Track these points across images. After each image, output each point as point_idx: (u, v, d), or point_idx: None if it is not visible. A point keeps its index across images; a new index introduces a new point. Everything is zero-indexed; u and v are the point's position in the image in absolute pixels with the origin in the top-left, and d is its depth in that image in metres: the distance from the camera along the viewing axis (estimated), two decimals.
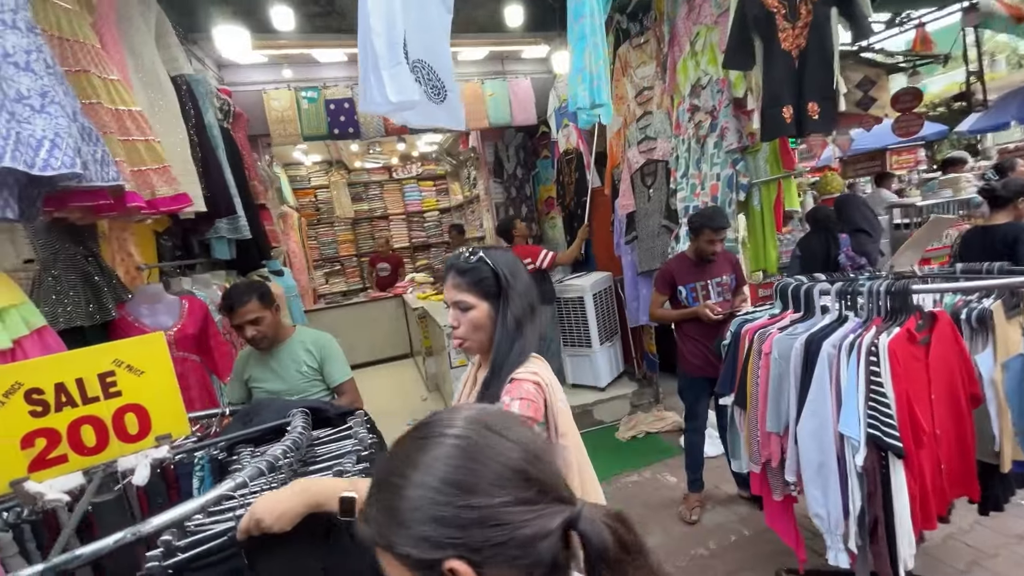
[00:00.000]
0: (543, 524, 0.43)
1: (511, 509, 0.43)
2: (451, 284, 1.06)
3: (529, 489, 0.44)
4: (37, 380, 0.92)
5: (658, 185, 3.41)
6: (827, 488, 1.48)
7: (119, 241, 2.33)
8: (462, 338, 1.07)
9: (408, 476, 0.45)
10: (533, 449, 0.47)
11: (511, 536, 0.43)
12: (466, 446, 0.45)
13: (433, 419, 0.50)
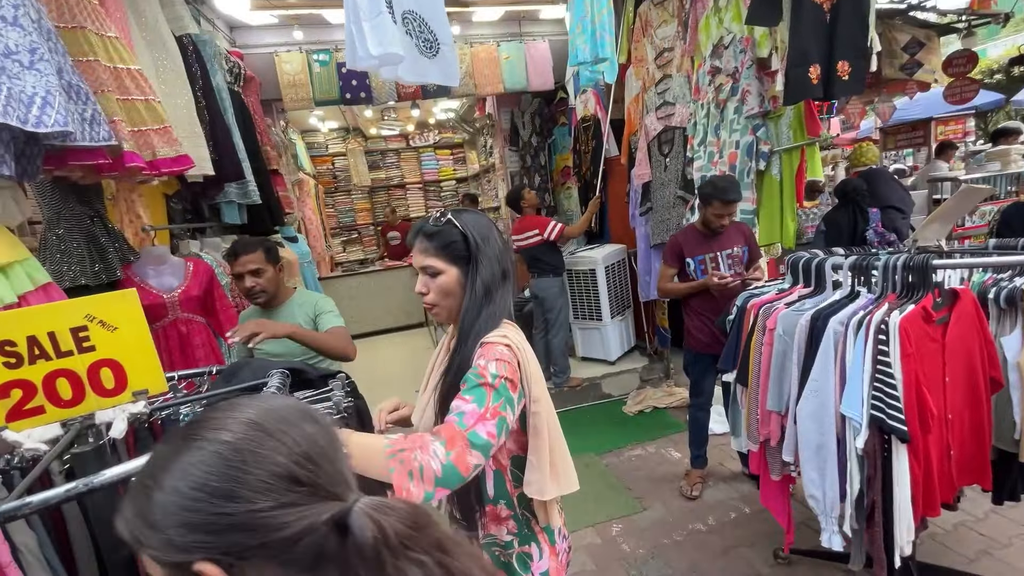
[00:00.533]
0: (307, 524, 0.44)
1: (272, 514, 0.43)
2: (419, 248, 1.01)
3: (296, 492, 0.44)
4: (8, 332, 0.92)
5: (675, 154, 3.26)
6: (824, 470, 1.42)
7: (127, 203, 2.35)
8: (432, 304, 1.02)
9: (159, 480, 0.44)
10: (308, 451, 0.46)
11: (269, 538, 0.43)
12: (228, 453, 0.44)
13: (203, 418, 0.48)
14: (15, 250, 1.60)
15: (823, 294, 1.59)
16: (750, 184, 2.59)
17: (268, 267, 1.86)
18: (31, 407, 0.95)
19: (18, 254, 1.60)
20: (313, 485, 0.45)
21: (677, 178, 3.20)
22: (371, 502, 0.47)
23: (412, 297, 6.82)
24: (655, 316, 4.02)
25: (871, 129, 6.91)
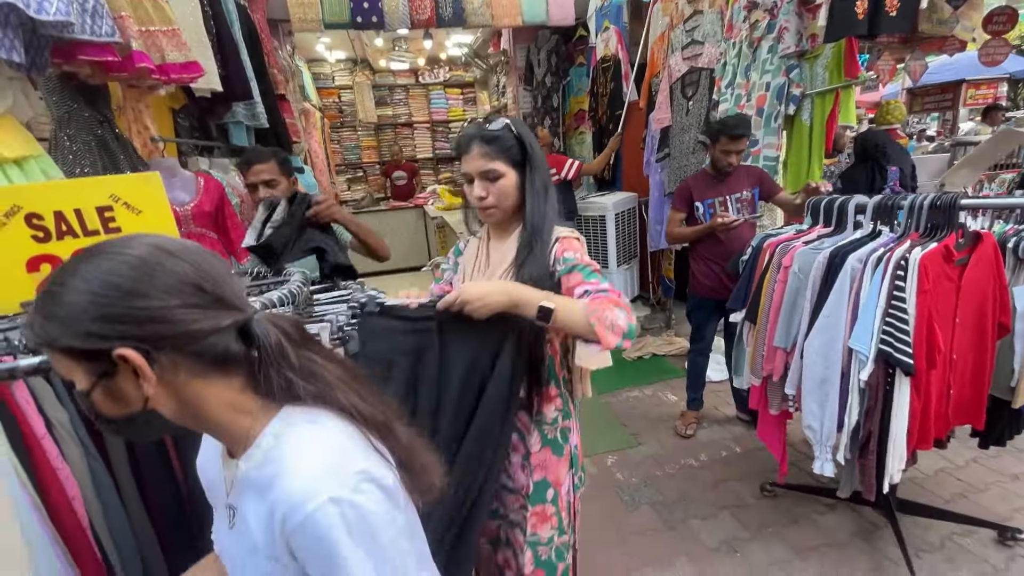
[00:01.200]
0: (212, 323, 0.53)
1: (180, 311, 0.51)
2: (477, 154, 1.05)
3: (200, 297, 0.53)
4: (35, 205, 0.92)
5: (699, 97, 3.15)
6: (825, 402, 1.46)
7: (135, 112, 2.29)
8: (492, 206, 1.08)
9: (70, 285, 0.49)
10: (209, 271, 0.54)
11: (180, 331, 0.51)
12: (135, 262, 0.50)
13: (106, 242, 0.53)
14: (30, 145, 1.57)
15: (844, 233, 1.58)
16: (776, 130, 2.52)
17: (282, 178, 1.80)
18: None
19: (33, 149, 1.57)
20: (216, 296, 0.54)
21: (699, 122, 3.10)
22: (267, 313, 0.59)
23: (417, 239, 6.78)
24: (661, 266, 4.02)
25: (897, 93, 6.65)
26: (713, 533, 1.97)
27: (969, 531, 1.87)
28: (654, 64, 3.59)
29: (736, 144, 2.19)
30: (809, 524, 1.98)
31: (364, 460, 0.56)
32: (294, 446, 0.55)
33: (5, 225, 0.89)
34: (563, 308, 0.92)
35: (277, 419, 0.58)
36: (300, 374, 0.57)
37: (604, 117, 4.41)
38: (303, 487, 0.52)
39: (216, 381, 0.56)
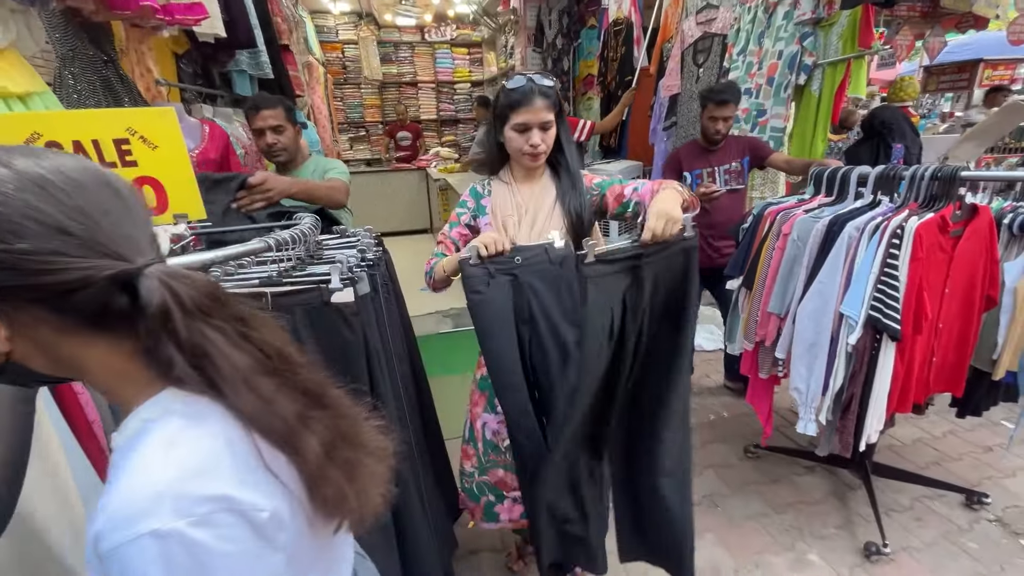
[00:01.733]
0: (80, 276, 0.43)
1: (32, 257, 0.41)
2: (541, 106, 1.18)
3: (62, 241, 0.42)
4: (55, 133, 0.94)
5: (710, 64, 3.10)
6: (813, 365, 1.52)
7: (137, 54, 2.25)
8: (543, 152, 1.24)
9: None
10: (85, 207, 0.44)
11: (32, 282, 0.42)
12: None
13: None
14: (34, 80, 1.56)
15: (844, 203, 1.60)
16: (785, 100, 2.50)
17: (288, 125, 1.82)
18: None
19: (37, 85, 1.56)
20: (87, 240, 0.44)
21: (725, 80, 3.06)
22: (167, 269, 0.47)
23: (419, 201, 6.72)
24: None
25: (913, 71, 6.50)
26: (697, 489, 2.05)
27: (939, 495, 1.97)
28: (667, 28, 3.51)
29: (722, 110, 2.17)
30: (788, 483, 2.09)
31: (232, 483, 0.44)
32: (146, 446, 0.45)
33: None
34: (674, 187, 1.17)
35: (153, 401, 0.48)
36: (187, 353, 0.46)
37: (613, 83, 4.33)
38: (125, 509, 0.41)
39: (97, 342, 0.46)
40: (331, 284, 0.95)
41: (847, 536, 1.81)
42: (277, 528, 0.47)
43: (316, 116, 5.18)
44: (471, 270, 1.12)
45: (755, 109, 2.64)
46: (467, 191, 1.39)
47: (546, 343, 1.18)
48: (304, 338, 0.97)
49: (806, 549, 1.76)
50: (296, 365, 0.53)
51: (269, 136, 1.79)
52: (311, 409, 0.52)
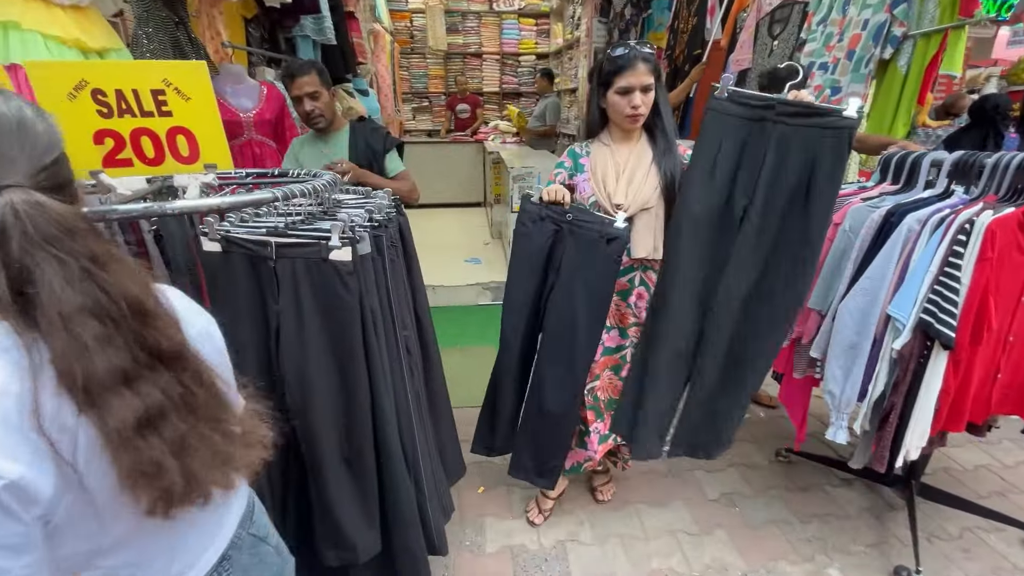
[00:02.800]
0: None
1: None
2: (644, 70, 1.29)
3: None
4: (100, 82, 1.02)
5: (786, 36, 2.82)
6: (851, 368, 1.39)
7: (208, 17, 2.39)
8: (643, 114, 1.34)
9: None
10: None
11: None
12: None
13: None
14: (113, 39, 1.70)
15: (911, 192, 1.42)
16: (865, 76, 2.23)
17: (323, 90, 1.83)
18: (121, 158, 1.08)
19: (114, 43, 1.70)
20: None
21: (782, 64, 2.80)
22: (24, 196, 0.44)
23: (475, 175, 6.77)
24: None
25: None
26: (715, 486, 1.99)
27: (996, 528, 1.77)
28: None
29: None
30: (819, 493, 1.95)
31: None
32: None
33: (76, 98, 0.99)
34: None
35: None
36: (12, 275, 0.43)
37: (681, 56, 4.07)
38: None
39: None
40: (330, 242, 0.98)
41: (877, 556, 1.67)
42: (22, 500, 0.42)
43: (379, 84, 5.29)
44: (527, 205, 1.36)
45: (829, 86, 2.38)
46: (565, 153, 1.51)
47: (561, 296, 1.38)
48: (302, 291, 1.01)
49: (827, 563, 1.65)
50: (149, 318, 0.48)
51: (307, 103, 1.80)
52: (148, 369, 0.47)
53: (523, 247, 1.38)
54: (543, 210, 1.34)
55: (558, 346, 1.42)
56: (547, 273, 1.39)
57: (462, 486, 1.92)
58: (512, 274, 1.43)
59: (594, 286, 1.36)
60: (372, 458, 1.12)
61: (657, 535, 1.75)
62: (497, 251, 4.62)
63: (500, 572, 1.61)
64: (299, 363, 1.04)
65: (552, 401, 1.47)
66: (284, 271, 1.01)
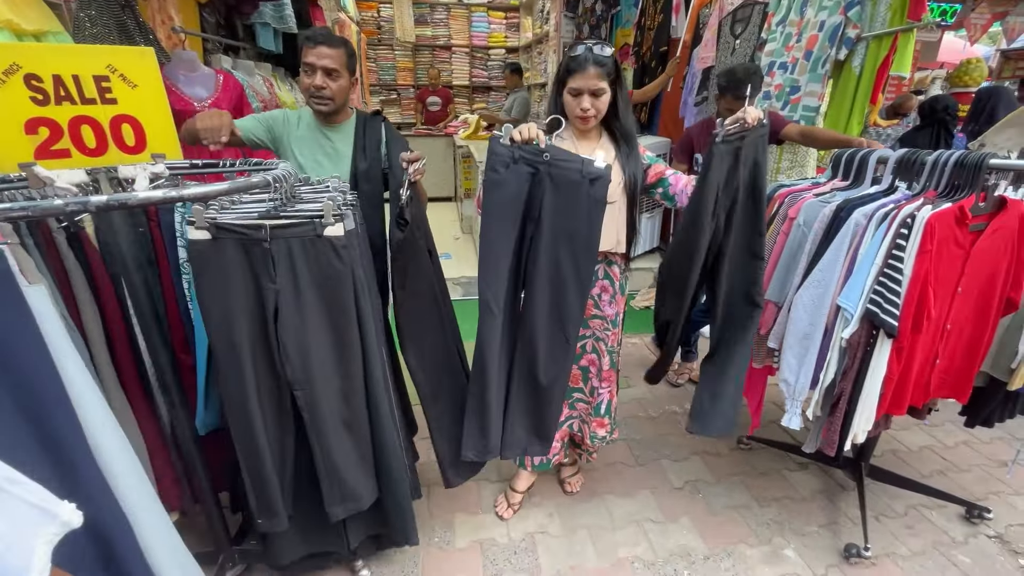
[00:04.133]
0: None
1: None
2: (593, 74, 1.30)
3: None
4: (34, 66, 0.96)
5: (747, 35, 2.90)
6: (804, 357, 1.45)
7: (159, 1, 2.28)
8: (593, 116, 1.36)
9: None
10: None
11: None
12: None
13: None
14: (49, 21, 1.60)
15: (859, 188, 1.49)
16: (822, 76, 2.32)
17: (344, 73, 1.53)
18: (58, 148, 1.01)
19: (52, 25, 1.60)
20: None
21: (744, 63, 2.88)
22: None
23: (444, 169, 6.70)
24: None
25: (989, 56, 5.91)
26: (680, 474, 2.05)
27: (938, 505, 1.88)
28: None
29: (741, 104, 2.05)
30: (777, 478, 2.03)
31: None
32: None
33: (4, 83, 0.93)
34: None
35: None
36: None
37: (648, 53, 4.13)
38: None
39: None
40: (324, 219, 1.06)
41: (829, 536, 1.75)
42: None
43: None
44: (497, 147, 1.20)
45: (788, 85, 2.46)
46: None
47: (544, 247, 1.27)
48: (299, 267, 1.07)
49: (783, 544, 1.72)
50: None
51: (319, 77, 1.48)
52: None
53: (497, 197, 1.22)
54: (515, 151, 1.20)
55: (545, 303, 1.32)
56: (525, 224, 1.26)
57: (431, 482, 1.91)
58: (487, 230, 1.26)
59: (580, 232, 1.25)
60: (366, 418, 1.23)
61: (624, 524, 1.79)
62: (467, 246, 4.60)
63: (469, 565, 1.61)
64: (301, 336, 1.11)
65: (545, 365, 1.37)
66: (280, 251, 1.06)
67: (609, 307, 1.58)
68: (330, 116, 1.60)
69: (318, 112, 1.57)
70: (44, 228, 1.04)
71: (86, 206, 0.86)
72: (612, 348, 1.63)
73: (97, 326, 1.17)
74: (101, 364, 1.18)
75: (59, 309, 1.07)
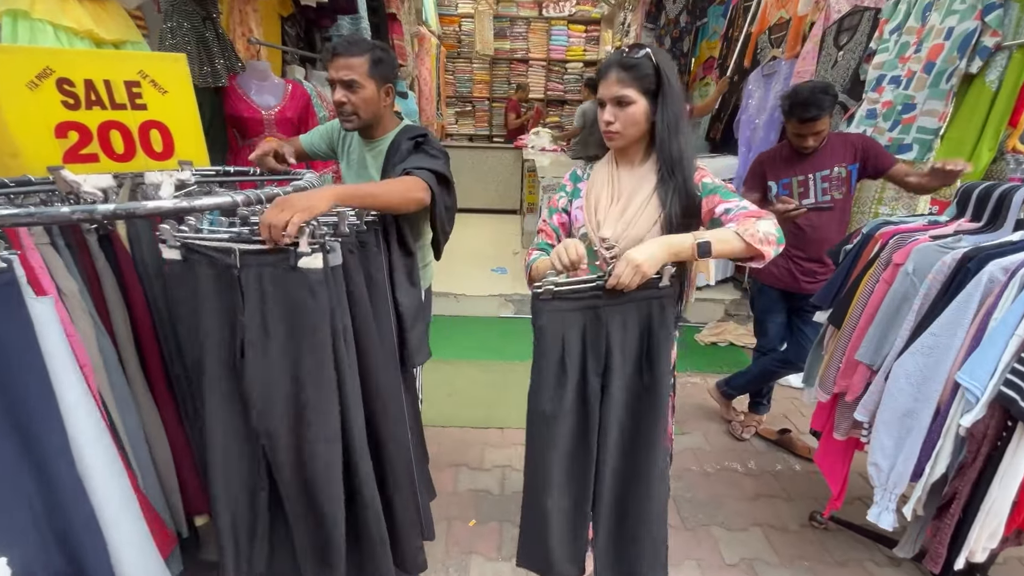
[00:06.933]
0: None
1: None
2: (614, 79, 1.09)
3: None
4: (67, 71, 0.96)
5: (853, 45, 2.54)
6: (904, 440, 1.15)
7: (241, 14, 2.39)
8: (617, 132, 1.12)
9: None
10: None
11: None
12: None
13: None
14: (130, 31, 1.69)
15: (995, 232, 1.17)
16: (945, 93, 1.94)
17: (368, 83, 1.36)
18: (86, 152, 1.01)
19: (131, 35, 1.69)
20: None
21: (845, 76, 2.53)
22: None
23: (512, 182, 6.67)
24: None
25: None
26: (735, 548, 1.75)
27: None
28: (765, 17, 2.97)
29: (809, 127, 1.76)
30: (858, 571, 1.68)
31: None
32: None
33: (38, 87, 0.94)
34: (716, 238, 0.99)
35: None
36: None
37: (732, 66, 3.81)
38: None
39: None
40: (299, 248, 0.91)
41: None
42: None
43: (420, 87, 5.29)
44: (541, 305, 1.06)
45: (900, 102, 2.10)
46: (567, 174, 1.32)
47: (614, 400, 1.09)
48: (269, 298, 0.94)
49: None
50: None
51: (338, 91, 1.36)
52: None
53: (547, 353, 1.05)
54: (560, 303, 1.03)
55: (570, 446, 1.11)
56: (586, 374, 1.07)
57: (452, 516, 1.79)
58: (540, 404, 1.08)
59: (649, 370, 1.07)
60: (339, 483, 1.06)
61: None
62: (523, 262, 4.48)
63: None
64: (267, 378, 0.97)
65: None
66: (248, 280, 0.93)
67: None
68: (366, 131, 1.48)
69: (348, 130, 1.47)
70: (76, 229, 1.04)
71: (92, 215, 0.82)
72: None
73: (126, 328, 1.17)
74: (130, 367, 1.18)
75: (88, 311, 1.08)
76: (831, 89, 1.78)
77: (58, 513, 0.88)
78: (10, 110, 0.91)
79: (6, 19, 1.33)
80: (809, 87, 1.78)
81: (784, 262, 1.97)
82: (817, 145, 1.83)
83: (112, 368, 1.11)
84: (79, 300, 1.02)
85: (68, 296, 1.00)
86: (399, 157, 1.40)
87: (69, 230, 1.04)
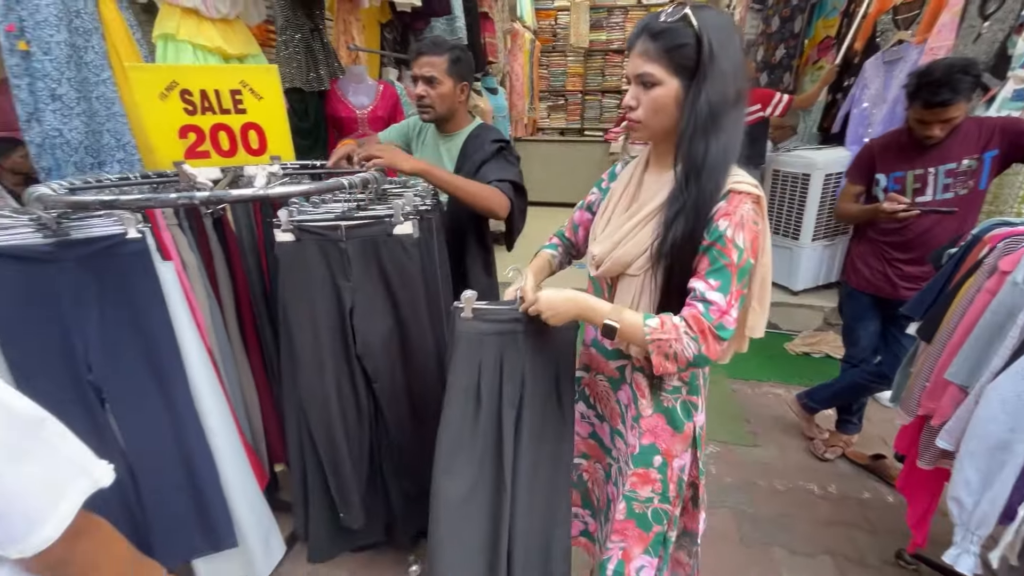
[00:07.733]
0: None
1: None
2: (638, 51, 0.83)
3: None
4: (188, 83, 1.18)
5: (1002, 16, 2.16)
6: (993, 475, 0.99)
7: (345, 23, 2.66)
8: (637, 120, 0.86)
9: None
10: None
11: None
12: None
13: None
14: (250, 45, 1.99)
15: None
16: None
17: (447, 80, 1.49)
18: (201, 150, 1.23)
19: (251, 49, 1.98)
20: None
21: (990, 51, 2.15)
22: None
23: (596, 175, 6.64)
24: None
25: None
26: (797, 572, 1.62)
27: None
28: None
29: (938, 115, 1.49)
30: None
31: None
32: None
33: (167, 97, 1.16)
34: (627, 329, 0.86)
35: None
36: None
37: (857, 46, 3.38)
38: None
39: None
40: (393, 219, 1.15)
41: None
42: None
43: (512, 83, 5.41)
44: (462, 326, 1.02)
45: None
46: (608, 170, 1.15)
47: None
48: (372, 261, 1.17)
49: None
50: None
51: (420, 86, 1.50)
52: None
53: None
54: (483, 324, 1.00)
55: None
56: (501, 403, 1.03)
57: None
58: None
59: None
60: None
61: None
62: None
63: None
64: (378, 328, 1.21)
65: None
66: (355, 250, 1.16)
67: (631, 433, 1.03)
68: (441, 124, 1.62)
69: (425, 121, 1.61)
70: (196, 213, 1.28)
71: (192, 200, 1.01)
72: (635, 495, 1.02)
73: (230, 298, 1.41)
74: (232, 333, 1.42)
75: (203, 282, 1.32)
76: (972, 68, 1.48)
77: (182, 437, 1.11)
78: (147, 116, 1.15)
79: (159, 42, 1.65)
80: (946, 64, 1.50)
81: (879, 264, 1.75)
82: (944, 136, 1.56)
83: (219, 330, 1.35)
84: (197, 272, 1.25)
85: (189, 267, 1.23)
86: (481, 154, 1.55)
87: (192, 213, 1.28)
